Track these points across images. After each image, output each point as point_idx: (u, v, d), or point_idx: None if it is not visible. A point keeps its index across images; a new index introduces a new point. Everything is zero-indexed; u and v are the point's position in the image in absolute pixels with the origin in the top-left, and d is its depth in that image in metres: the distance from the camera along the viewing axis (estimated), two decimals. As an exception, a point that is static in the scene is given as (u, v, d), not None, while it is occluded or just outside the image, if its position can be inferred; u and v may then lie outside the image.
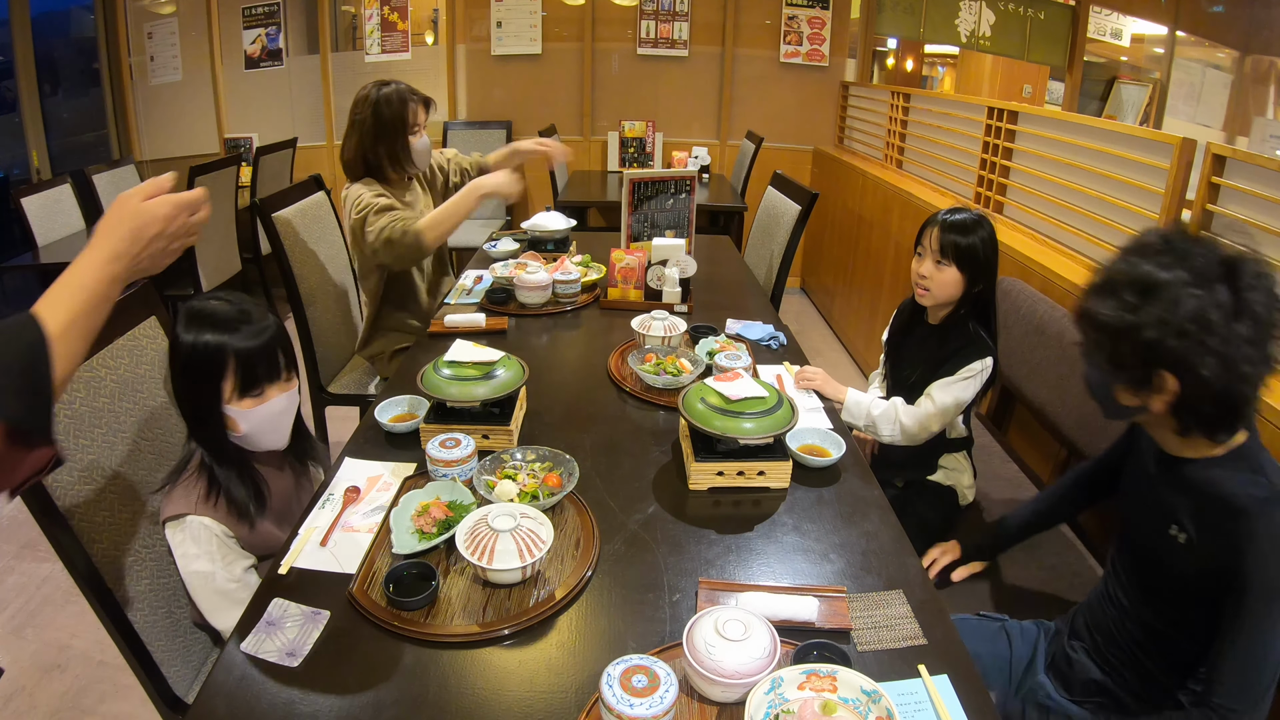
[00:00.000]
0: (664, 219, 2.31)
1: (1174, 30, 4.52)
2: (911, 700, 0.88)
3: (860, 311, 3.81)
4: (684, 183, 2.29)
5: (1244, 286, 0.96)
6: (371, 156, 2.10)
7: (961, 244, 1.56)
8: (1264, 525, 0.97)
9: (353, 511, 1.20)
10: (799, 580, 1.08)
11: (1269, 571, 0.97)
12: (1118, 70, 5.06)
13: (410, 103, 2.08)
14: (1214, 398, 0.98)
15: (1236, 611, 0.99)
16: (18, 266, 3.26)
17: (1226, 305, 0.95)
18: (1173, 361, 0.98)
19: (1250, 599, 0.98)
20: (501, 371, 1.39)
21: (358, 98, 2.11)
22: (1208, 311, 0.95)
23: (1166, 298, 0.97)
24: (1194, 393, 0.99)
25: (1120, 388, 1.06)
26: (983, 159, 2.86)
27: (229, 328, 1.14)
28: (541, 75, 4.72)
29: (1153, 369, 1.00)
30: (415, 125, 2.11)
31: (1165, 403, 1.02)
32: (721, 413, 1.26)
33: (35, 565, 2.25)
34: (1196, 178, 1.74)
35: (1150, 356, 0.99)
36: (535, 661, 0.93)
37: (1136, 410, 1.07)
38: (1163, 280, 0.97)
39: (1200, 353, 0.95)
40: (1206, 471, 1.06)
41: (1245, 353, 0.95)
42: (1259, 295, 0.96)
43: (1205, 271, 0.97)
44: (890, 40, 5.80)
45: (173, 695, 1.17)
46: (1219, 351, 0.95)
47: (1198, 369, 0.96)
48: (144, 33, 4.56)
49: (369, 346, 2.27)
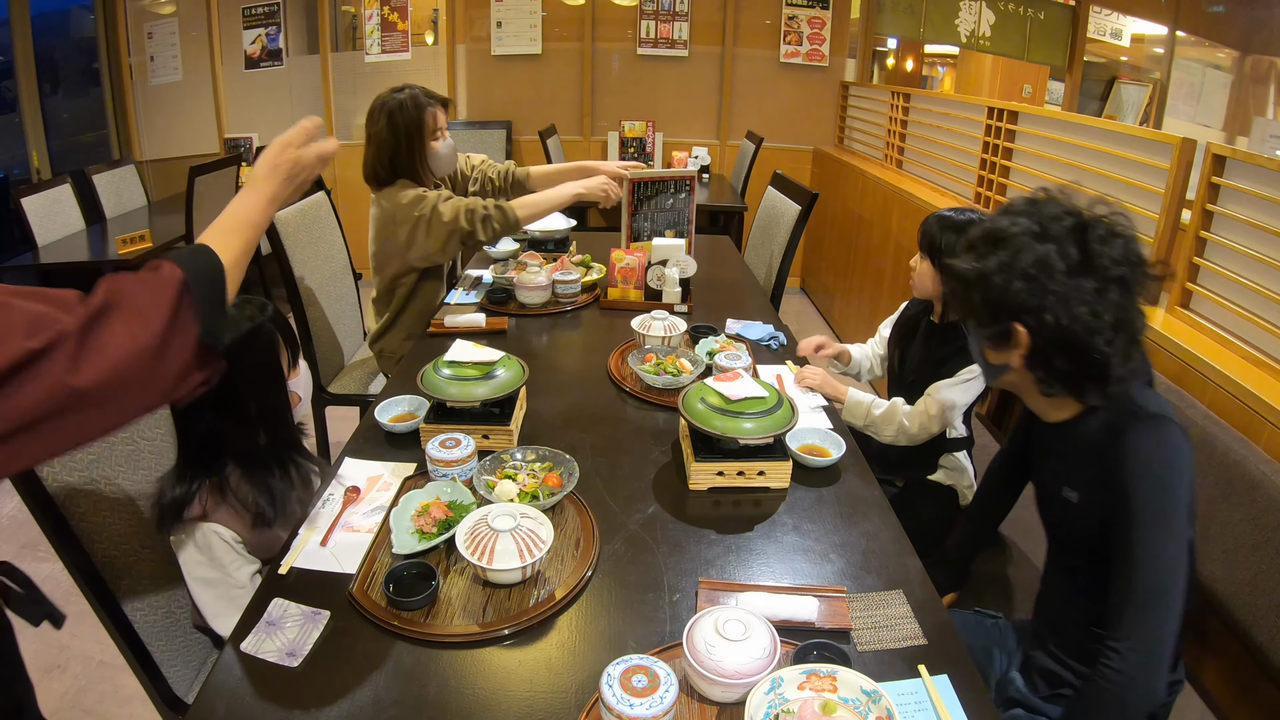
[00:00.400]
0: (664, 219, 2.31)
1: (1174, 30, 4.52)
2: (911, 700, 0.88)
3: (860, 311, 3.81)
4: (684, 183, 2.29)
5: (1092, 241, 0.99)
6: (395, 169, 2.03)
7: (936, 240, 1.57)
8: (1134, 440, 1.00)
9: (353, 511, 1.20)
10: (799, 580, 1.08)
11: (1148, 486, 0.98)
12: (1118, 70, 5.06)
13: (427, 108, 2.02)
14: (1064, 348, 1.01)
15: (1126, 541, 0.99)
16: (18, 266, 3.26)
17: (1072, 258, 0.99)
18: (1017, 308, 1.01)
19: (1136, 525, 0.98)
20: (501, 371, 1.39)
21: (372, 108, 2.04)
22: (1050, 260, 0.99)
23: (1012, 246, 1.01)
24: (1044, 343, 1.02)
25: (986, 345, 1.10)
26: (983, 159, 2.86)
27: (248, 314, 1.16)
28: (541, 75, 4.72)
29: (1005, 321, 1.04)
30: (436, 130, 2.05)
31: (1021, 357, 1.05)
32: (721, 413, 1.26)
33: (35, 565, 2.24)
34: (1196, 178, 1.74)
35: (998, 304, 1.03)
36: (535, 661, 0.93)
37: (1004, 369, 1.10)
38: (1011, 232, 1.02)
39: (1042, 297, 0.99)
40: (1079, 426, 1.09)
41: (1091, 305, 0.98)
42: (1110, 252, 0.99)
43: (1052, 226, 1.01)
44: (890, 40, 5.79)
45: (173, 695, 1.17)
46: (1062, 298, 0.98)
47: (1041, 315, 0.99)
48: (144, 33, 4.56)
49: (382, 340, 2.23)
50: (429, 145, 2.05)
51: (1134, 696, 0.97)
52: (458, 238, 2.02)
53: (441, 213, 1.98)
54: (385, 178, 2.05)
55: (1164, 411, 1.02)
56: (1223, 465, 1.25)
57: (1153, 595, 0.97)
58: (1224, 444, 1.26)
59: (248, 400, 1.16)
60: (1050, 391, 1.07)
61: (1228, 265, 1.65)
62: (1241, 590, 1.20)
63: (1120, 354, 1.00)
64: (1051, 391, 1.07)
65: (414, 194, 1.99)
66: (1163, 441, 1.00)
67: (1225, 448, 1.25)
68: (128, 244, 3.30)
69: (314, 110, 4.76)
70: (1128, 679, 0.96)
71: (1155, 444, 1.00)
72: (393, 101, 2.00)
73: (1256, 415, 1.36)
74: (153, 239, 3.38)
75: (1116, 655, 0.97)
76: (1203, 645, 1.40)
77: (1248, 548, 1.19)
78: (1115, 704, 0.98)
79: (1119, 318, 0.99)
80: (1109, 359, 1.00)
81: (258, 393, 1.16)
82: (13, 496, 1.13)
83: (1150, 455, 0.99)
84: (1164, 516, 0.97)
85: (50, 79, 4.22)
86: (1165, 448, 1.00)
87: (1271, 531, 1.15)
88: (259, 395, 1.16)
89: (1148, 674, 0.97)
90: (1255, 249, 1.56)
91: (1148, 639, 0.97)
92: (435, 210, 1.98)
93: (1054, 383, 1.05)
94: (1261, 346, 1.53)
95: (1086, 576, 1.11)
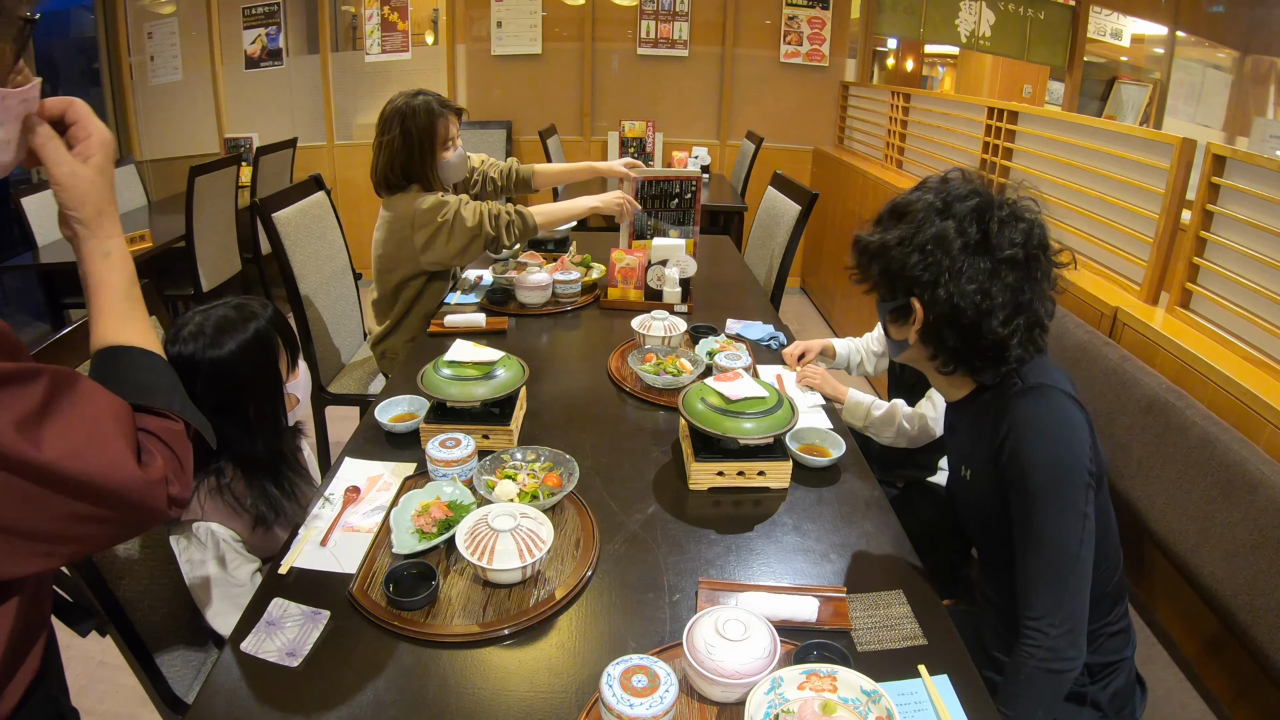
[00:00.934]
0: (667, 219, 2.31)
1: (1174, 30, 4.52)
2: (911, 700, 0.88)
3: (860, 311, 3.80)
4: (689, 184, 2.28)
5: (992, 221, 1.00)
6: (406, 173, 2.03)
7: None
8: (1018, 413, 1.00)
9: (353, 511, 1.20)
10: (799, 580, 1.08)
11: (1039, 460, 0.98)
12: (1118, 70, 5.05)
13: (440, 117, 2.01)
14: (955, 325, 1.01)
15: (1025, 518, 0.99)
16: (18, 266, 3.26)
17: (970, 237, 1.00)
18: (912, 281, 1.03)
19: (1034, 502, 0.98)
20: (501, 371, 1.39)
21: (384, 114, 2.03)
22: (948, 236, 1.00)
23: (912, 221, 1.03)
24: (936, 319, 1.03)
25: (888, 320, 1.11)
26: (983, 159, 2.86)
27: (250, 314, 1.16)
28: (541, 75, 4.72)
29: (903, 296, 1.05)
30: (448, 140, 2.05)
31: (916, 331, 1.06)
32: (721, 413, 1.26)
33: (35, 565, 2.25)
34: (1196, 178, 1.74)
35: (895, 277, 1.04)
36: (535, 661, 0.93)
37: (904, 345, 1.11)
38: (914, 207, 1.04)
39: (936, 272, 1.00)
40: (971, 404, 1.10)
41: (982, 284, 0.99)
42: (1009, 235, 0.99)
43: (956, 205, 1.02)
44: (890, 40, 5.79)
45: (173, 695, 1.17)
46: (954, 274, 0.99)
47: (935, 289, 1.00)
48: (144, 33, 4.56)
49: (385, 341, 2.23)
50: (440, 155, 2.05)
51: (1059, 667, 0.97)
52: (481, 242, 2.05)
53: (465, 217, 2.00)
54: (396, 183, 2.05)
55: (1047, 380, 1.02)
56: (1223, 465, 1.25)
57: (1059, 569, 0.97)
58: (1224, 444, 1.26)
59: (246, 404, 1.16)
60: (946, 369, 1.08)
61: (1228, 265, 1.65)
62: (1241, 590, 1.20)
63: (1020, 337, 1.01)
64: (947, 369, 1.08)
65: (435, 199, 2.00)
66: (1048, 412, 1.00)
67: (1225, 448, 1.25)
68: (128, 244, 3.30)
69: (314, 110, 4.76)
70: (1049, 653, 0.97)
71: (1040, 415, 1.00)
72: (406, 109, 1.99)
73: (1256, 415, 1.36)
74: (153, 239, 3.38)
75: (1037, 633, 0.97)
76: (1203, 645, 1.40)
77: (1248, 548, 1.19)
78: (1041, 679, 0.98)
79: (1018, 300, 1.00)
80: (1005, 341, 1.00)
81: (255, 397, 1.16)
82: (13, 496, 1.13)
83: (1037, 428, 0.99)
84: (1061, 490, 0.97)
85: (50, 79, 4.22)
86: (1050, 419, 1.00)
87: (1271, 531, 1.15)
88: (256, 399, 1.17)
89: (1068, 645, 0.97)
90: (1255, 249, 1.56)
91: (1062, 613, 0.97)
92: (459, 215, 2.00)
93: (948, 360, 1.06)
94: (1261, 346, 1.53)
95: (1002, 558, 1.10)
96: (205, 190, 3.36)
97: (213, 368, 1.11)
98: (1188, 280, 1.75)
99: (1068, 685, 1.00)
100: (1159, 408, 1.39)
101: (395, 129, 1.99)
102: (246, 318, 1.15)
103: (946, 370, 1.09)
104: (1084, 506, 0.98)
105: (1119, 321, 1.80)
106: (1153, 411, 1.40)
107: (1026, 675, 0.98)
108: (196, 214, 3.31)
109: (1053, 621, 0.96)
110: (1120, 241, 2.03)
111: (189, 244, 3.34)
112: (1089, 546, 0.97)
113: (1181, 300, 1.77)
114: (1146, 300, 1.87)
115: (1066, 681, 0.99)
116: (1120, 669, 1.15)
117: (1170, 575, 1.43)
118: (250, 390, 1.15)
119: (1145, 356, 1.62)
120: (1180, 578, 1.36)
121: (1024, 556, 1.00)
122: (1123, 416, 1.45)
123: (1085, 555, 0.97)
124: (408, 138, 1.99)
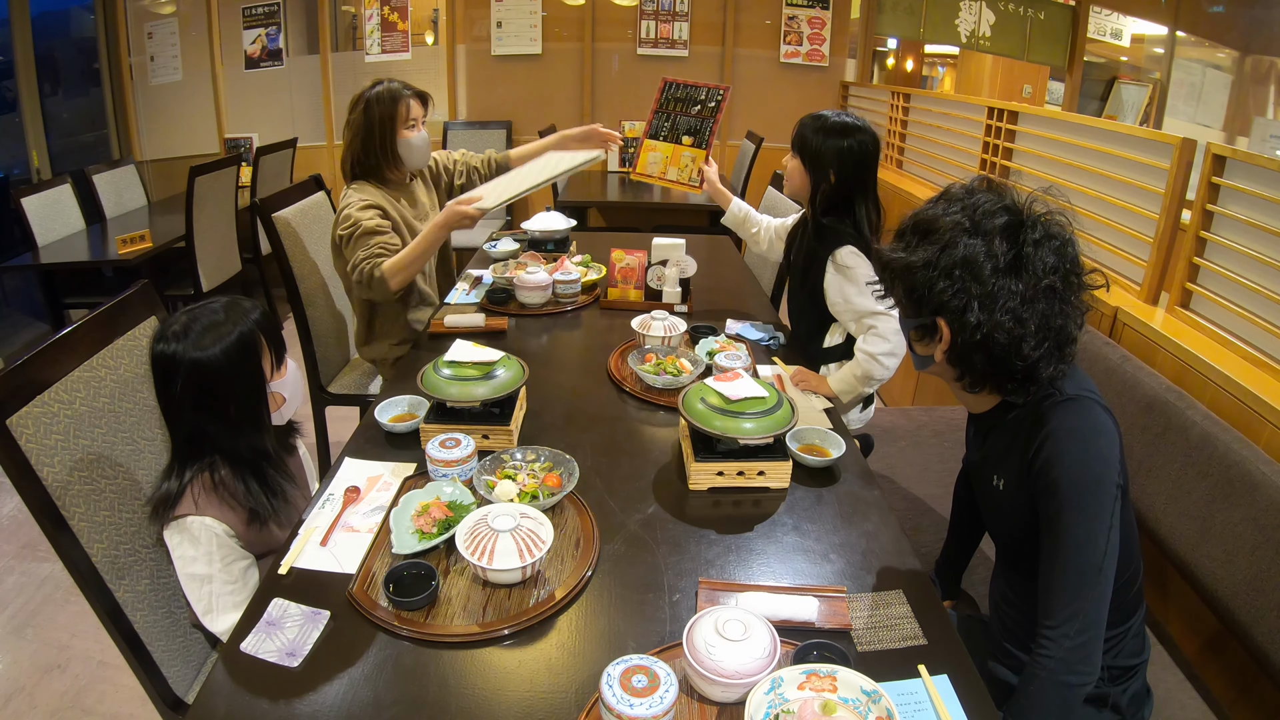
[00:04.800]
0: (685, 123, 2.22)
1: (1174, 30, 4.52)
2: (911, 700, 0.88)
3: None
4: (716, 91, 2.17)
5: (1025, 243, 0.96)
6: (367, 157, 2.05)
7: (807, 137, 1.70)
8: (1054, 423, 0.98)
9: (353, 511, 1.20)
10: (799, 580, 1.08)
11: (1072, 469, 0.96)
12: (1118, 70, 5.06)
13: (402, 98, 2.03)
14: (984, 350, 0.98)
15: (1053, 526, 0.97)
16: (18, 266, 3.26)
17: (1001, 258, 0.95)
18: (940, 305, 0.99)
19: (1064, 510, 0.96)
20: (501, 371, 1.39)
21: (352, 100, 2.08)
22: (978, 258, 0.95)
23: (940, 240, 0.98)
24: (964, 342, 0.99)
25: (913, 335, 1.08)
26: (983, 159, 2.86)
27: (237, 315, 1.16)
28: (541, 75, 4.72)
29: (929, 315, 1.01)
30: (411, 120, 2.05)
31: (942, 351, 1.03)
32: (721, 413, 1.26)
33: (35, 565, 2.24)
34: (1196, 178, 1.74)
35: (922, 297, 1.01)
36: (535, 661, 0.93)
37: (929, 361, 1.08)
38: (943, 224, 0.99)
39: (965, 298, 0.96)
40: (1002, 412, 1.07)
41: (1016, 309, 0.95)
42: (1043, 257, 0.96)
43: (985, 222, 0.97)
44: (890, 40, 5.80)
45: (173, 695, 1.17)
46: (986, 300, 0.95)
47: (964, 314, 0.97)
48: (144, 33, 4.56)
49: (370, 347, 2.24)
50: (400, 133, 2.04)
51: (1069, 679, 0.96)
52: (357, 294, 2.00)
53: (348, 261, 1.93)
54: (355, 171, 2.06)
55: (1083, 390, 1.01)
56: (1223, 465, 1.25)
57: (1083, 579, 0.95)
58: (1224, 444, 1.26)
59: (226, 403, 1.16)
60: (974, 389, 1.06)
61: (1228, 265, 1.65)
62: (1241, 590, 1.20)
63: (1049, 357, 0.98)
64: (975, 389, 1.06)
65: (352, 216, 1.92)
66: (1083, 422, 0.98)
67: (1225, 448, 1.25)
68: (128, 244, 3.30)
69: (314, 110, 4.76)
70: (1064, 665, 0.95)
71: (1075, 425, 0.98)
72: (371, 91, 2.04)
73: (1256, 415, 1.36)
74: (153, 239, 3.38)
75: (1051, 643, 0.96)
76: (1203, 645, 1.40)
77: (1248, 548, 1.19)
78: (1055, 689, 0.96)
79: (1049, 324, 0.97)
80: (1037, 363, 0.98)
81: (235, 397, 1.17)
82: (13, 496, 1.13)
83: (1071, 437, 0.98)
84: (1090, 498, 0.95)
85: (50, 79, 4.22)
86: (1086, 428, 0.98)
87: (1271, 531, 1.15)
88: (236, 399, 1.17)
89: (1080, 658, 0.95)
90: (1255, 249, 1.56)
91: (1082, 623, 0.95)
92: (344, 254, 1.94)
93: (975, 380, 1.04)
94: (1261, 346, 1.53)
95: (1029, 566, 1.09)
96: (205, 190, 3.36)
97: (192, 367, 1.11)
98: (1188, 280, 1.75)
99: (1077, 703, 0.98)
100: (1159, 408, 1.39)
101: (359, 110, 2.04)
102: (232, 319, 1.15)
103: (975, 390, 1.06)
104: (1111, 517, 0.96)
105: (1119, 321, 1.80)
106: (1153, 411, 1.40)
107: (1037, 686, 0.97)
108: (196, 214, 3.31)
109: (1068, 632, 0.95)
110: (1120, 241, 2.03)
111: (189, 244, 3.34)
112: (1112, 559, 0.96)
113: (1181, 300, 1.77)
114: (1146, 300, 1.87)
115: (1076, 698, 0.97)
116: (1138, 672, 1.15)
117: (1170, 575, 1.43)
118: (230, 390, 1.16)
119: (1145, 356, 1.62)
120: (1180, 577, 1.36)
121: (1048, 563, 0.99)
122: (1123, 417, 1.45)
123: (1108, 567, 0.96)
124: (370, 117, 2.01)
